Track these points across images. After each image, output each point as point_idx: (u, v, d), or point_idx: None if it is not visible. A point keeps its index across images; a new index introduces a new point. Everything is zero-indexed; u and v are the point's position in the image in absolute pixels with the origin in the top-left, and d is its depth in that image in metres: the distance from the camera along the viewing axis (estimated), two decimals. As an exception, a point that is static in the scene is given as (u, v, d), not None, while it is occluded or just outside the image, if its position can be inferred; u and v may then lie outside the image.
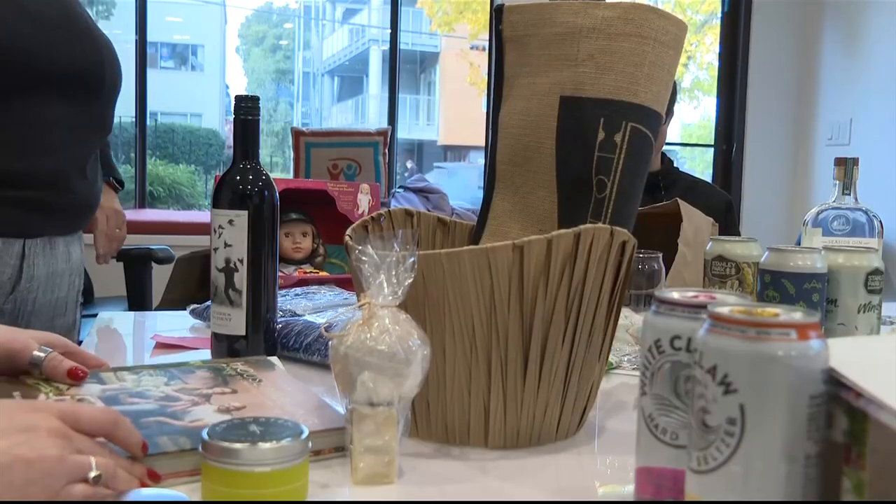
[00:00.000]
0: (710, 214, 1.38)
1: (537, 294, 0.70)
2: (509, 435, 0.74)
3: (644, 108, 0.79)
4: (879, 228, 1.19)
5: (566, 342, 0.73)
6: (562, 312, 0.71)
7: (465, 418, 0.73)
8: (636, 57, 0.78)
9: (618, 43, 0.78)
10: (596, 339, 0.75)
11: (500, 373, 0.72)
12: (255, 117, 0.98)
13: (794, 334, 0.44)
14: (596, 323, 0.74)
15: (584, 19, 0.79)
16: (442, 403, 0.73)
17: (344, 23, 11.12)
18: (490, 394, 0.72)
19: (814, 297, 0.89)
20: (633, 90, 0.78)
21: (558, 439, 0.77)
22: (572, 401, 0.76)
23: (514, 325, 0.71)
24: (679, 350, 0.53)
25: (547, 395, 0.74)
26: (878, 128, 3.56)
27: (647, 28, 0.78)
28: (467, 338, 0.71)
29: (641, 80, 0.78)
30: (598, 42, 0.78)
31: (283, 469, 0.57)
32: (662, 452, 0.54)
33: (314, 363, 1.01)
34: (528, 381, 0.72)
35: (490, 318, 0.70)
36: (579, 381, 0.75)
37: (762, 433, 0.44)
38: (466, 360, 0.72)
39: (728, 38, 4.09)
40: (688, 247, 1.25)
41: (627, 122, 0.78)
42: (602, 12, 0.79)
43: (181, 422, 0.67)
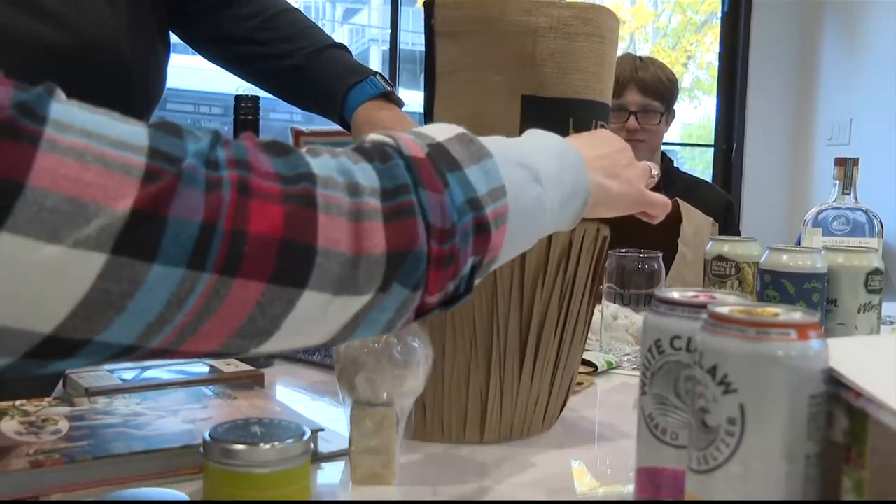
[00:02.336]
0: (711, 214, 1.38)
1: (536, 288, 0.72)
2: (504, 428, 0.75)
3: (606, 106, 0.80)
4: (879, 228, 1.19)
5: (557, 335, 0.75)
6: (556, 305, 0.73)
7: (461, 414, 0.74)
8: (598, 57, 0.79)
9: (579, 43, 0.78)
10: (579, 331, 0.78)
11: (499, 367, 0.73)
12: (256, 117, 0.98)
13: (794, 334, 0.44)
14: (580, 315, 0.77)
15: (539, 18, 0.78)
16: (439, 401, 0.74)
17: (344, 23, 11.11)
18: (488, 389, 0.73)
19: (814, 297, 0.89)
20: (597, 89, 0.79)
21: (543, 430, 0.78)
22: (557, 392, 0.78)
23: (514, 322, 0.72)
24: (679, 350, 0.53)
25: (539, 387, 0.75)
26: (878, 128, 3.56)
27: (605, 28, 0.79)
28: (468, 337, 0.72)
29: (604, 78, 0.79)
30: (558, 41, 0.78)
31: (285, 470, 0.57)
32: (662, 452, 0.54)
33: (314, 363, 1.01)
34: (524, 374, 0.74)
35: (492, 317, 0.71)
36: (564, 372, 0.77)
37: (762, 433, 0.44)
38: (466, 356, 0.73)
39: (728, 38, 4.09)
40: (688, 247, 1.25)
41: (597, 121, 0.79)
42: (558, 12, 0.78)
43: (140, 432, 0.68)
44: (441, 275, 0.47)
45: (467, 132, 0.52)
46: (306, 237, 0.42)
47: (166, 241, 0.38)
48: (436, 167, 0.48)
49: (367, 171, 0.46)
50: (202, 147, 0.41)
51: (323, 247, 0.42)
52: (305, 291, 0.42)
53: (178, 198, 0.38)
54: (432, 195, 0.46)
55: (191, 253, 0.38)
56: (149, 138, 0.39)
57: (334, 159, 0.46)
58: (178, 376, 0.87)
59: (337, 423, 0.72)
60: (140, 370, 0.89)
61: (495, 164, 0.51)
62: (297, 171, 0.43)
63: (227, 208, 0.39)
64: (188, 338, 0.41)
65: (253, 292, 0.41)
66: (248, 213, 0.40)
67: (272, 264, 0.41)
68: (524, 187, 0.53)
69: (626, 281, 1.09)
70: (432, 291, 0.47)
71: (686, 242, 1.26)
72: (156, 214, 0.37)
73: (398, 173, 0.46)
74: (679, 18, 5.51)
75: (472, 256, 0.49)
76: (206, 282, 0.39)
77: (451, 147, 0.50)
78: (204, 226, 0.39)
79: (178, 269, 0.38)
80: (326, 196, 0.43)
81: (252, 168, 0.41)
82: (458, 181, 0.48)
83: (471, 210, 0.48)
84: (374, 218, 0.44)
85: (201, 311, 0.40)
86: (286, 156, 0.44)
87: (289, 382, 0.96)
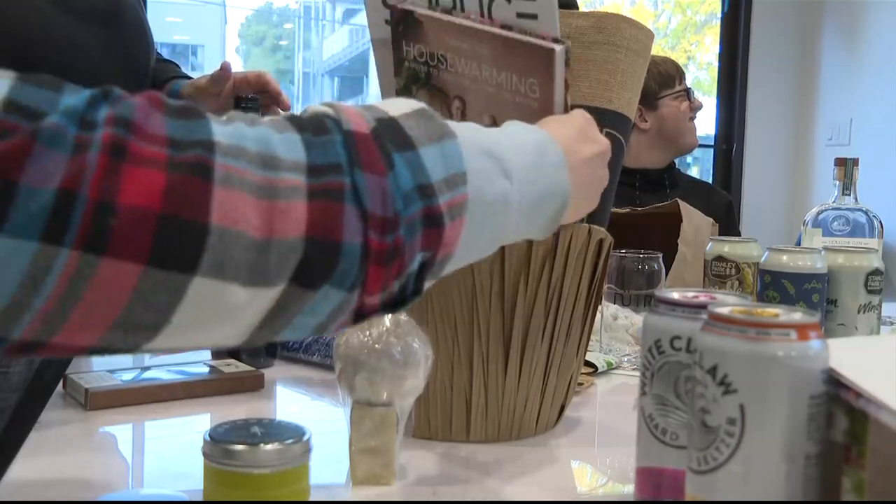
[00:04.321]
0: (711, 215, 1.38)
1: (517, 291, 0.71)
2: (490, 428, 0.75)
3: (618, 114, 0.81)
4: (879, 229, 1.19)
5: (545, 337, 0.74)
6: (541, 308, 0.73)
7: (447, 413, 0.74)
8: (610, 65, 0.79)
9: (591, 51, 0.79)
10: (574, 335, 0.77)
11: (482, 368, 0.73)
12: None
13: (794, 334, 0.44)
14: (574, 318, 0.76)
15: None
16: (425, 398, 0.74)
17: (344, 23, 11.11)
18: (472, 388, 0.73)
19: (814, 297, 0.89)
20: (607, 97, 0.80)
21: (538, 433, 0.78)
22: (551, 395, 0.77)
23: (496, 322, 0.72)
24: (679, 350, 0.53)
25: (527, 390, 0.75)
26: (878, 128, 3.55)
27: (619, 37, 0.80)
28: (449, 334, 0.72)
29: (615, 87, 0.79)
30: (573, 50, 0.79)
31: (285, 471, 0.57)
32: (662, 452, 0.54)
33: (314, 363, 1.01)
34: (509, 376, 0.74)
35: (472, 315, 0.72)
36: (558, 375, 0.77)
37: (762, 433, 0.44)
38: (449, 355, 0.73)
39: (728, 38, 4.08)
40: (688, 247, 1.25)
41: (603, 128, 0.80)
42: (575, 21, 0.80)
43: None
44: (382, 272, 0.40)
45: (429, 108, 0.45)
46: (194, 213, 0.35)
47: (14, 210, 0.32)
48: (380, 145, 0.41)
49: (292, 143, 0.39)
50: (76, 103, 0.34)
51: (218, 225, 0.35)
52: (196, 278, 0.36)
53: (33, 160, 0.32)
54: (371, 177, 0.40)
55: (45, 224, 0.32)
56: (10, 90, 0.33)
57: (252, 127, 0.39)
58: (178, 377, 0.87)
59: (337, 423, 0.72)
60: (140, 371, 0.89)
61: (458, 146, 0.44)
62: (194, 138, 0.36)
63: (92, 173, 0.33)
64: (57, 327, 0.35)
65: (127, 276, 0.34)
66: (118, 180, 0.33)
67: (149, 243, 0.34)
68: (489, 179, 0.46)
69: (626, 281, 1.09)
70: (372, 291, 0.41)
71: (686, 243, 1.26)
72: (2, 180, 0.32)
73: (332, 150, 0.39)
74: (679, 19, 5.51)
75: (420, 252, 0.42)
76: (67, 259, 0.33)
77: (405, 123, 0.43)
78: (61, 192, 0.32)
79: (29, 242, 0.32)
80: (227, 167, 0.36)
81: (135, 129, 0.35)
82: (406, 163, 0.41)
83: (420, 198, 0.41)
84: (292, 196, 0.37)
85: (65, 295, 0.34)
86: (189, 119, 0.37)
87: (289, 383, 0.96)
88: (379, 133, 0.42)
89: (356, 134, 0.41)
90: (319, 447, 0.57)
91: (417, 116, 0.44)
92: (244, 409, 0.83)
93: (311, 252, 0.38)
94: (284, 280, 0.38)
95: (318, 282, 0.39)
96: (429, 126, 0.44)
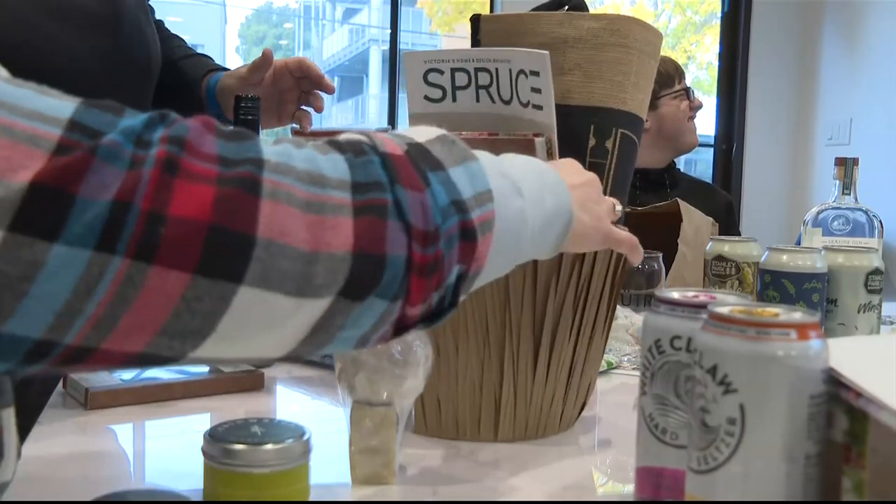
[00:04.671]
0: (711, 215, 1.38)
1: (548, 290, 0.72)
2: (518, 427, 0.75)
3: (631, 115, 0.81)
4: (879, 228, 1.19)
5: (572, 336, 0.75)
6: (570, 308, 0.74)
7: (476, 412, 0.74)
8: (623, 66, 0.80)
9: (604, 53, 0.80)
10: (597, 334, 0.78)
11: (512, 367, 0.73)
12: (256, 117, 0.98)
13: (794, 334, 0.44)
14: (598, 318, 0.77)
15: (570, 30, 0.81)
16: (453, 399, 0.74)
17: (344, 23, 11.11)
18: (501, 388, 0.74)
19: (814, 296, 0.90)
20: (621, 98, 0.80)
21: (560, 431, 0.78)
22: (574, 394, 0.78)
23: (527, 321, 0.72)
24: (679, 350, 0.53)
25: (553, 388, 0.76)
26: (878, 128, 3.56)
27: (631, 38, 0.80)
28: (481, 334, 0.72)
29: (629, 88, 0.80)
30: (585, 52, 0.80)
31: (284, 471, 0.57)
32: (662, 452, 0.54)
33: (314, 363, 1.01)
34: (538, 375, 0.74)
35: (504, 315, 0.72)
36: (581, 374, 0.77)
37: (762, 433, 0.44)
38: (479, 355, 0.73)
39: (728, 38, 4.08)
40: (688, 247, 1.25)
41: (617, 129, 0.80)
42: (587, 23, 0.81)
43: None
44: (424, 283, 0.42)
45: (449, 134, 0.48)
46: (242, 225, 0.37)
47: (72, 219, 0.34)
48: (415, 165, 0.43)
49: (337, 163, 0.41)
50: (133, 123, 0.37)
51: (265, 238, 0.37)
52: (242, 287, 0.37)
53: (91, 174, 0.34)
54: (412, 193, 0.42)
55: (100, 234, 0.34)
56: (74, 112, 0.36)
57: (299, 149, 0.41)
58: (178, 376, 0.87)
59: (337, 423, 0.72)
60: (140, 370, 0.89)
61: (481, 167, 0.47)
62: (244, 156, 0.38)
63: (145, 187, 0.35)
64: (107, 333, 0.37)
65: (176, 283, 0.36)
66: (170, 193, 0.35)
67: (197, 252, 0.36)
68: (508, 197, 0.49)
69: (626, 281, 1.09)
70: (415, 302, 0.43)
71: (686, 242, 1.26)
72: (60, 191, 0.34)
73: (372, 170, 0.42)
74: (679, 19, 5.52)
75: (457, 265, 0.45)
76: (118, 267, 0.35)
77: (431, 147, 0.46)
78: (116, 204, 0.34)
79: (84, 251, 0.34)
80: (275, 182, 0.38)
81: (188, 147, 0.37)
82: (440, 181, 0.44)
83: (456, 213, 0.44)
84: (339, 213, 0.39)
85: (115, 300, 0.36)
86: (239, 141, 0.39)
87: (289, 382, 0.96)
88: (411, 154, 0.44)
89: (393, 155, 0.43)
90: (319, 447, 0.57)
91: (441, 142, 0.47)
92: (244, 409, 0.83)
93: (358, 265, 0.40)
94: (332, 293, 0.40)
95: (364, 294, 0.41)
96: (453, 150, 0.47)
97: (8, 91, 0.35)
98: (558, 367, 0.75)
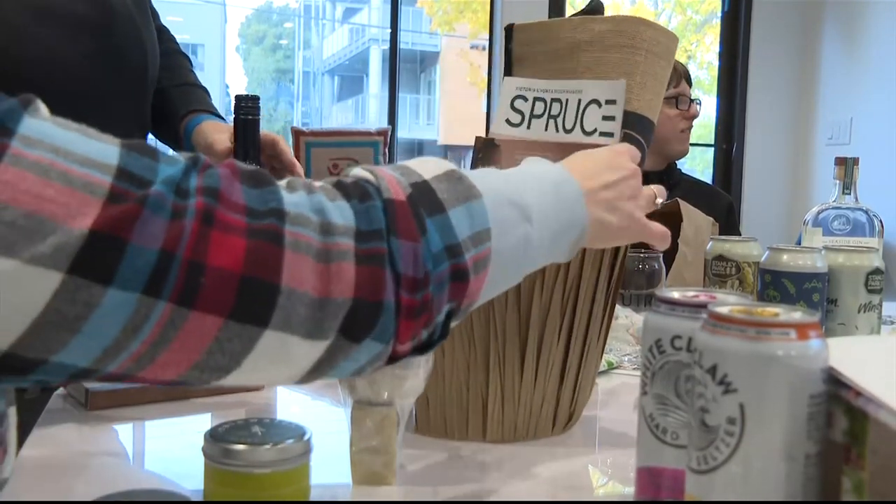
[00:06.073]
0: (712, 216, 1.38)
1: (534, 292, 0.72)
2: (507, 429, 0.75)
3: (636, 115, 0.81)
4: (880, 228, 1.19)
5: (562, 338, 0.74)
6: (557, 309, 0.73)
7: (463, 413, 0.74)
8: (628, 66, 0.81)
9: (610, 54, 0.81)
10: (592, 336, 0.77)
11: (498, 368, 0.73)
12: (256, 117, 0.98)
13: (793, 334, 0.44)
14: (592, 320, 0.76)
15: (583, 34, 0.83)
16: (441, 398, 0.74)
17: (344, 22, 11.11)
18: (488, 389, 0.73)
19: (814, 296, 0.90)
20: (626, 98, 0.80)
21: (554, 433, 0.78)
22: (568, 396, 0.77)
23: (512, 323, 0.72)
24: (679, 350, 0.53)
25: (543, 390, 0.75)
26: (878, 128, 3.55)
27: (638, 39, 0.81)
28: (466, 335, 0.72)
29: (634, 88, 0.81)
30: (594, 54, 0.82)
31: (285, 471, 0.57)
32: (663, 452, 0.54)
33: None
34: (525, 377, 0.74)
35: (488, 316, 0.72)
36: (575, 376, 0.77)
37: (762, 433, 0.44)
38: (465, 356, 0.73)
39: (728, 38, 4.08)
40: (688, 246, 1.25)
41: (622, 129, 0.80)
42: (598, 26, 0.83)
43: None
44: (412, 324, 0.46)
45: (457, 169, 0.50)
46: (269, 275, 0.40)
47: (124, 265, 0.37)
48: (415, 212, 0.46)
49: (343, 210, 0.44)
50: (174, 173, 0.40)
51: (287, 286, 0.41)
52: (267, 331, 0.41)
53: (141, 223, 0.37)
54: (405, 244, 0.45)
55: (147, 280, 0.38)
56: (119, 158, 0.39)
57: (309, 196, 0.44)
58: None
59: (337, 423, 0.72)
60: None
61: (483, 205, 0.49)
62: (268, 206, 0.42)
63: (188, 238, 0.39)
64: (146, 366, 0.40)
65: (211, 326, 0.40)
66: (208, 244, 0.39)
67: (231, 300, 0.40)
68: (512, 227, 0.51)
69: (626, 281, 1.10)
70: (403, 341, 0.46)
71: (686, 242, 1.26)
72: (115, 238, 0.37)
73: (374, 216, 0.45)
74: (679, 18, 5.52)
75: (447, 304, 0.48)
76: (162, 310, 0.38)
77: (436, 186, 0.48)
78: (162, 253, 0.38)
79: (134, 294, 0.38)
80: (295, 234, 0.42)
81: (221, 198, 0.40)
82: (437, 227, 0.47)
83: (448, 258, 0.47)
84: (345, 259, 0.43)
85: (157, 340, 0.39)
86: (261, 188, 0.43)
87: (289, 382, 0.96)
88: (413, 199, 0.47)
89: (394, 202, 0.46)
90: (319, 447, 0.57)
91: (447, 179, 0.49)
92: (244, 409, 0.84)
93: (357, 308, 0.43)
94: (334, 332, 0.43)
95: (362, 335, 0.44)
96: (457, 188, 0.49)
97: (58, 135, 0.38)
98: (548, 369, 0.75)
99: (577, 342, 0.76)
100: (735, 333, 0.45)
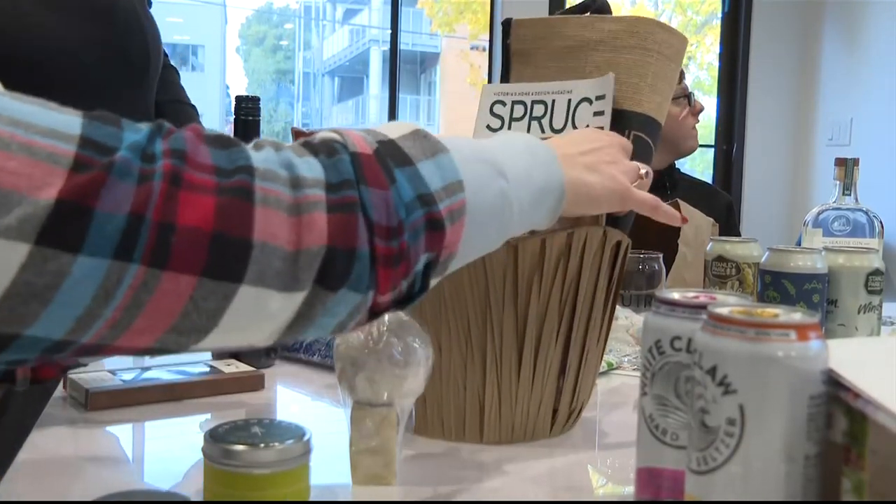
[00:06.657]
0: (712, 216, 1.38)
1: (531, 292, 0.71)
2: (504, 430, 0.74)
3: (646, 117, 0.81)
4: (880, 229, 1.19)
5: (560, 339, 0.74)
6: (555, 310, 0.73)
7: (460, 413, 0.74)
8: (640, 68, 0.80)
9: (622, 55, 0.81)
10: (591, 337, 0.77)
11: (495, 369, 0.73)
12: (256, 118, 0.98)
13: (793, 335, 0.44)
14: (591, 321, 0.76)
15: (593, 33, 0.83)
16: (438, 399, 0.74)
17: (344, 23, 11.10)
18: (485, 389, 0.73)
19: (814, 297, 0.90)
20: (636, 99, 0.80)
21: (552, 435, 0.77)
22: (567, 397, 0.77)
23: (509, 323, 0.72)
24: (679, 351, 0.53)
25: (541, 392, 0.75)
26: (878, 128, 3.56)
27: (651, 41, 0.81)
28: (463, 335, 0.72)
29: (644, 90, 0.80)
30: (605, 54, 0.81)
31: (284, 471, 0.57)
32: (663, 453, 0.54)
33: (314, 363, 1.01)
34: (523, 378, 0.73)
35: (485, 316, 0.71)
36: (575, 378, 0.77)
37: (762, 433, 0.44)
38: (462, 356, 0.73)
39: (728, 39, 4.09)
40: (688, 247, 1.25)
41: (630, 130, 0.80)
42: (609, 26, 0.82)
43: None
44: (391, 273, 0.46)
45: (422, 129, 0.51)
46: (240, 231, 0.40)
47: (92, 232, 0.37)
48: (382, 163, 0.47)
49: (312, 165, 0.45)
50: (139, 139, 0.40)
51: (260, 241, 0.41)
52: (242, 286, 0.41)
53: (107, 190, 0.37)
54: (375, 192, 0.45)
55: (117, 244, 0.38)
56: (82, 127, 0.38)
57: (278, 153, 0.44)
58: (178, 377, 0.87)
59: (337, 423, 0.72)
60: (140, 371, 0.89)
61: (451, 158, 0.50)
62: (236, 165, 0.42)
63: (156, 199, 0.38)
64: (121, 333, 0.40)
65: (185, 286, 0.40)
66: (177, 204, 0.39)
67: (204, 257, 0.40)
68: (486, 182, 0.52)
69: (626, 282, 1.10)
70: (383, 291, 0.46)
71: (686, 243, 1.26)
72: (82, 206, 0.37)
73: (343, 168, 0.45)
74: (679, 19, 5.51)
75: (424, 253, 0.48)
76: (134, 274, 0.38)
77: (402, 143, 0.49)
78: (131, 217, 0.38)
79: (104, 260, 0.37)
80: (265, 189, 0.42)
81: (188, 159, 0.40)
82: (406, 177, 0.47)
83: (421, 206, 0.47)
84: (316, 209, 0.43)
85: (131, 304, 0.39)
86: (227, 148, 0.43)
87: (289, 383, 0.96)
88: (380, 153, 0.47)
89: (361, 154, 0.46)
90: (319, 447, 0.57)
91: (413, 137, 0.50)
92: (244, 409, 0.84)
93: (332, 257, 0.43)
94: (310, 283, 0.43)
95: (337, 284, 0.44)
96: (424, 144, 0.50)
97: (17, 108, 0.37)
98: (545, 370, 0.74)
99: (577, 344, 0.75)
100: (735, 334, 0.45)
